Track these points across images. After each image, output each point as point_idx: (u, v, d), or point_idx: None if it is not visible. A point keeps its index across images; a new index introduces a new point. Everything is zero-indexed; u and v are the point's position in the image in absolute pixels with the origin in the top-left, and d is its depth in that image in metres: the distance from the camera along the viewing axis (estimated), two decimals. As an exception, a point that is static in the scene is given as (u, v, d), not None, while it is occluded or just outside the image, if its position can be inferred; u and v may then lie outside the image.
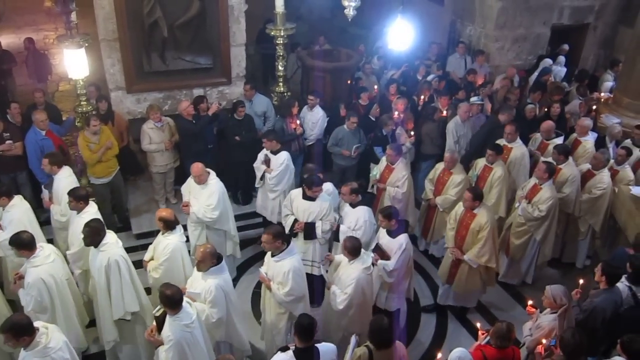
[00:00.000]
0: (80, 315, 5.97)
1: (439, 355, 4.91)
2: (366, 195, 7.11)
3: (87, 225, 5.47)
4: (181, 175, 8.72)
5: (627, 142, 8.32)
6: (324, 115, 8.89)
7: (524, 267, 7.44)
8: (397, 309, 6.36)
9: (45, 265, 5.44)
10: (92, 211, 6.11)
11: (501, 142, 7.82)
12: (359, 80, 10.43)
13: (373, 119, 8.84)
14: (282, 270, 5.38)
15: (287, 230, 6.53)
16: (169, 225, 5.82)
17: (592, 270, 5.65)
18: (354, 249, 5.53)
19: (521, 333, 5.38)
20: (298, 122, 8.51)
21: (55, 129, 8.10)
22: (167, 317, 4.75)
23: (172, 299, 4.67)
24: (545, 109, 9.22)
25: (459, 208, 6.57)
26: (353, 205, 6.59)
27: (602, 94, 10.26)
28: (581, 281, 5.51)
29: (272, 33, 8.64)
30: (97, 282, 5.55)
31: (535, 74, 10.98)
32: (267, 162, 7.49)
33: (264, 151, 7.54)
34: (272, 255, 5.49)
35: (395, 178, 7.43)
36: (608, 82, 10.68)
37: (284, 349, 4.76)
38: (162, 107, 8.80)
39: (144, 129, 8.24)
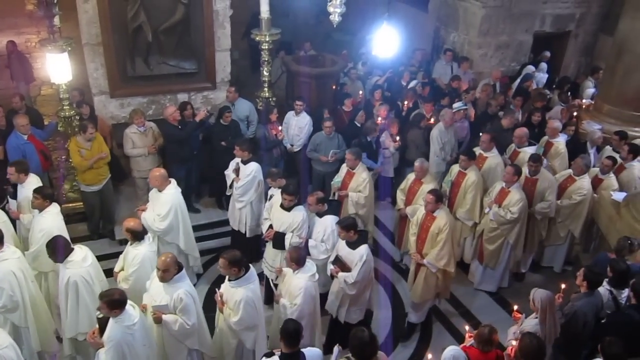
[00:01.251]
0: (47, 319, 5.86)
1: (429, 356, 4.92)
2: (332, 203, 6.91)
3: (51, 243, 5.33)
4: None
5: (607, 148, 8.45)
6: (310, 121, 8.91)
7: (499, 273, 7.45)
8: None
9: (13, 259, 5.36)
10: (54, 211, 6.05)
11: (477, 149, 7.88)
12: (344, 86, 10.47)
13: (359, 124, 8.87)
14: (234, 298, 5.20)
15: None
16: (137, 235, 5.71)
17: (574, 275, 5.71)
18: (298, 259, 5.43)
19: (506, 337, 5.41)
20: (279, 128, 8.48)
21: (37, 133, 7.97)
22: (110, 320, 4.69)
23: (116, 301, 4.63)
24: (527, 115, 9.35)
25: (420, 212, 6.54)
26: (320, 215, 6.45)
27: (584, 101, 10.42)
28: (563, 286, 5.55)
29: (257, 38, 8.64)
30: (60, 297, 5.47)
31: (518, 80, 11.12)
32: (237, 170, 7.33)
33: (236, 159, 7.39)
34: (229, 280, 5.31)
35: (356, 183, 7.30)
36: (590, 89, 10.84)
37: (269, 354, 4.73)
38: (146, 111, 8.75)
39: (127, 134, 8.18)
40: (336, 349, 4.92)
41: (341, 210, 7.24)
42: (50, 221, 5.95)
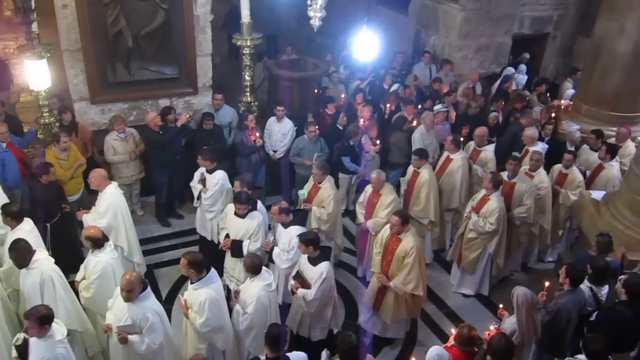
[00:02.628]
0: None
1: (413, 359, 4.95)
2: (299, 213, 6.73)
3: (12, 249, 5.28)
4: (147, 187, 8.64)
5: (585, 147, 8.55)
6: (292, 126, 8.89)
7: (477, 279, 7.44)
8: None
9: None
10: (26, 228, 5.92)
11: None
12: (326, 90, 10.49)
13: (340, 127, 8.89)
14: (198, 300, 5.13)
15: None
16: (97, 243, 5.62)
17: (557, 273, 5.78)
18: (253, 267, 5.34)
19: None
20: (257, 134, 8.46)
21: (16, 141, 7.86)
22: (34, 341, 4.49)
23: (45, 316, 4.49)
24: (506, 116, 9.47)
25: (385, 232, 6.31)
26: (285, 225, 6.32)
27: (563, 101, 10.56)
28: (547, 283, 5.61)
29: (239, 43, 8.63)
30: (32, 303, 5.25)
31: (498, 82, 11.24)
32: (203, 181, 7.20)
33: (201, 169, 7.25)
34: (191, 283, 5.24)
35: (321, 198, 7.05)
36: (569, 90, 11.01)
37: (255, 359, 4.73)
38: (127, 117, 8.67)
39: (108, 140, 8.11)
40: (324, 353, 4.93)
41: (307, 221, 7.03)
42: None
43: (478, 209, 7.08)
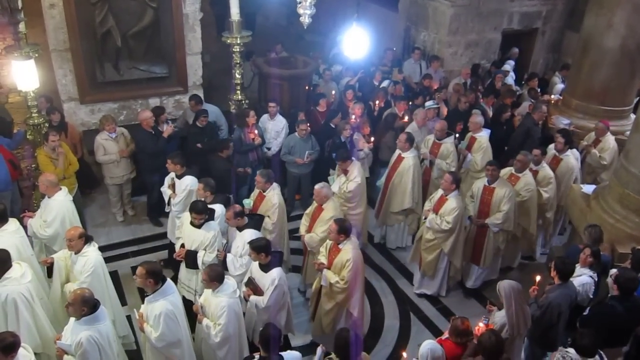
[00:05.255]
0: None
1: (404, 354, 4.97)
2: (255, 217, 6.47)
3: None
4: (139, 187, 8.60)
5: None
6: (286, 124, 8.88)
7: (438, 280, 7.32)
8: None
9: None
10: (10, 229, 5.85)
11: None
12: (317, 87, 10.48)
13: (334, 126, 8.87)
14: (153, 313, 4.91)
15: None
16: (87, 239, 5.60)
17: (548, 267, 5.82)
18: (218, 276, 5.15)
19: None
20: (256, 131, 8.45)
21: (5, 142, 7.82)
22: None
23: (11, 344, 4.31)
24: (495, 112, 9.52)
25: (328, 243, 6.13)
26: (240, 229, 6.14)
27: (552, 97, 10.61)
28: (538, 278, 5.65)
29: (228, 41, 8.59)
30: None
31: (490, 80, 11.26)
32: (172, 186, 7.05)
33: (171, 174, 7.11)
34: (146, 295, 5.02)
35: (265, 207, 6.74)
36: (558, 85, 11.06)
37: (249, 358, 4.72)
38: (117, 117, 8.64)
39: (98, 140, 8.06)
40: (319, 349, 4.95)
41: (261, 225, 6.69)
42: (5, 241, 5.65)
43: (437, 210, 6.95)
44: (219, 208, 6.50)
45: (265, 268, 5.58)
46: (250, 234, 6.03)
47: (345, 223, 5.96)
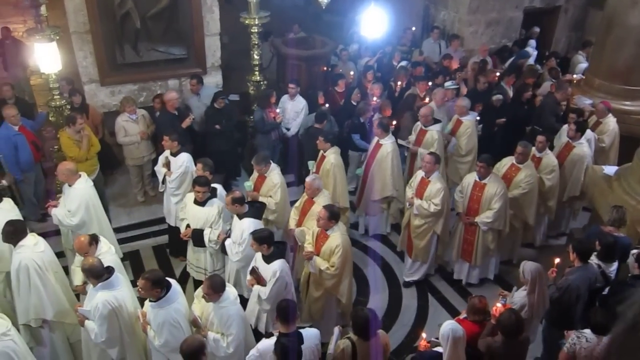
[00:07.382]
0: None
1: (423, 335, 5.01)
2: (255, 205, 6.25)
3: (10, 223, 5.36)
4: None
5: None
6: (306, 105, 8.88)
7: (427, 264, 7.22)
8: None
9: None
10: (5, 207, 5.97)
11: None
12: (335, 67, 10.43)
13: (355, 103, 8.83)
14: (157, 320, 4.81)
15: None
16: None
17: (567, 250, 5.79)
18: (219, 286, 4.90)
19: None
20: (277, 110, 8.45)
21: (28, 124, 7.92)
22: None
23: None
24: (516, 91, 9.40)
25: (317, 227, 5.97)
26: (240, 217, 5.98)
27: (575, 76, 10.42)
28: (557, 260, 5.63)
29: (246, 22, 8.57)
30: (13, 284, 5.42)
31: (512, 59, 11.08)
32: (167, 164, 7.02)
33: (165, 153, 7.09)
34: (150, 300, 4.88)
35: (267, 187, 6.72)
36: (581, 64, 10.84)
37: (269, 335, 4.81)
38: (137, 99, 8.71)
39: (119, 122, 8.16)
40: (336, 329, 5.00)
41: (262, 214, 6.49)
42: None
43: (420, 194, 6.76)
44: (219, 187, 6.59)
45: (267, 259, 5.49)
46: (249, 223, 5.91)
47: (334, 208, 5.86)
